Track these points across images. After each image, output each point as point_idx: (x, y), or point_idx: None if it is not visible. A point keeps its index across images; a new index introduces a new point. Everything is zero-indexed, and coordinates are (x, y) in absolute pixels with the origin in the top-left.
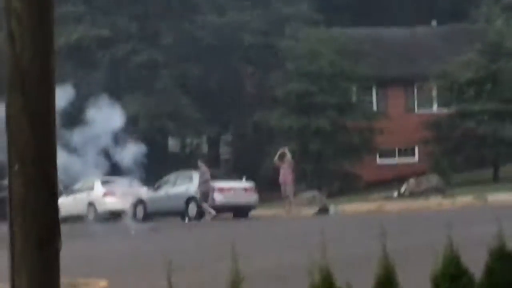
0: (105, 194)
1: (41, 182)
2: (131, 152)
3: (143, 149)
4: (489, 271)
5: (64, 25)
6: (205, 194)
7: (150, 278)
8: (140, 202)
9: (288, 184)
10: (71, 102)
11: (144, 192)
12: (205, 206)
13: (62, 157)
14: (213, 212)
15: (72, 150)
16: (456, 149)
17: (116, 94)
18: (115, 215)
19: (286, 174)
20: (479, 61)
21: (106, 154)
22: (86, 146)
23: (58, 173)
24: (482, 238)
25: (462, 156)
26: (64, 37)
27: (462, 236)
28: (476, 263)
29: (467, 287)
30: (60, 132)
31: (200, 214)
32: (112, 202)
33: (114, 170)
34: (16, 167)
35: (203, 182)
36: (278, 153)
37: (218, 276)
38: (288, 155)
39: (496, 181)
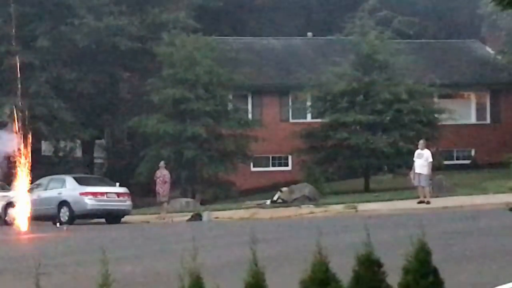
0: None
1: None
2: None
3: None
4: (357, 277)
5: None
6: None
7: (17, 281)
8: (10, 205)
9: (162, 194)
10: None
11: (14, 195)
12: None
13: None
14: None
15: None
16: (328, 159)
17: None
18: None
19: (161, 185)
20: (352, 73)
21: None
22: None
23: None
24: (351, 245)
25: (334, 166)
26: None
27: (332, 243)
28: (344, 269)
29: None
30: None
31: (72, 218)
32: None
33: None
34: None
35: None
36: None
37: (86, 280)
38: (164, 169)
39: (367, 191)
